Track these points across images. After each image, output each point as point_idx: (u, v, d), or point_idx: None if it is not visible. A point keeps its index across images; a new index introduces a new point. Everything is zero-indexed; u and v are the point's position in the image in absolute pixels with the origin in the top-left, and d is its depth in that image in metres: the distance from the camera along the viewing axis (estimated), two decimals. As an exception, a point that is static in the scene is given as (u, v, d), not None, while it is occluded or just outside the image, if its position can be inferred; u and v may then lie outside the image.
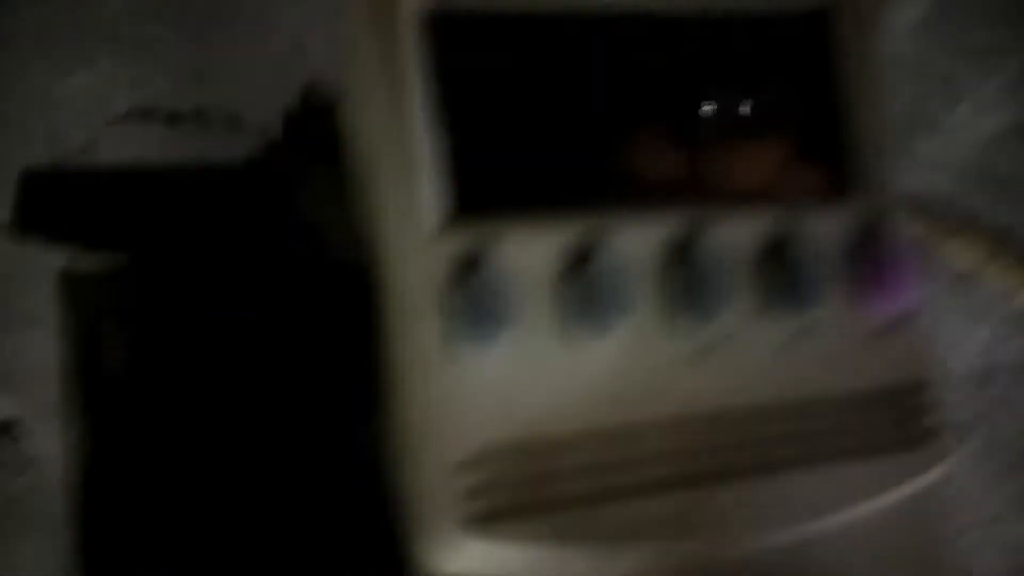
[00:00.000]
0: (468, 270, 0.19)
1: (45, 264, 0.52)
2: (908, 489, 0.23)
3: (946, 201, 0.33)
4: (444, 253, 0.19)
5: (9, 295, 0.50)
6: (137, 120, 0.55)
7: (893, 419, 0.23)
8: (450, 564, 0.19)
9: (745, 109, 0.23)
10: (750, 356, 0.22)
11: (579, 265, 0.20)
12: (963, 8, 0.68)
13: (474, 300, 0.19)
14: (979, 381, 0.59)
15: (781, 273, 0.22)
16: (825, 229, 0.23)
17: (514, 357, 0.20)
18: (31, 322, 0.50)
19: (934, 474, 0.23)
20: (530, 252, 0.20)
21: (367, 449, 0.22)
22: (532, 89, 0.22)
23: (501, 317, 0.19)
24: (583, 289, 0.20)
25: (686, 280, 0.21)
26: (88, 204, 0.31)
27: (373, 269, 0.23)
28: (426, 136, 0.20)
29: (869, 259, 0.23)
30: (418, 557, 0.20)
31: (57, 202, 0.31)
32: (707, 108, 0.23)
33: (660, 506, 0.21)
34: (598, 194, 0.22)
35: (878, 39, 0.25)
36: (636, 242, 0.21)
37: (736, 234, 0.22)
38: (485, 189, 0.20)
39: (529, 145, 0.22)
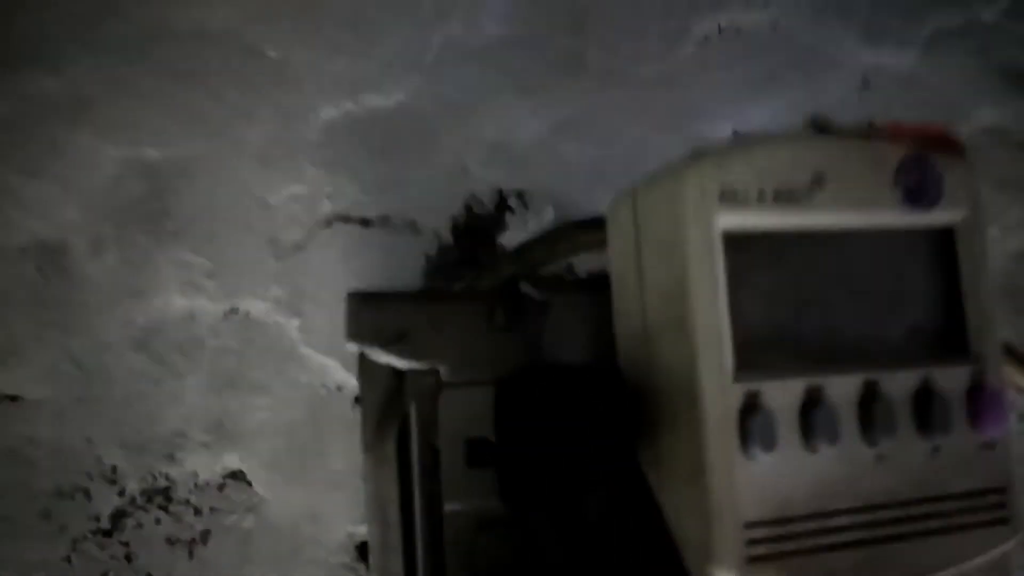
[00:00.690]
0: (751, 405, 0.32)
1: (267, 344, 0.64)
2: (991, 555, 0.36)
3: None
4: (738, 393, 0.32)
5: (240, 367, 0.62)
6: (338, 224, 0.67)
7: (990, 506, 0.36)
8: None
9: (904, 293, 0.36)
10: (905, 463, 0.35)
11: (811, 404, 0.33)
12: (990, 143, 0.83)
13: (760, 425, 0.32)
14: None
15: (927, 410, 0.35)
16: (954, 379, 0.36)
17: (777, 461, 0.32)
18: (258, 390, 0.62)
19: (1007, 547, 0.36)
20: (783, 395, 0.33)
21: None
22: (775, 284, 0.35)
23: (773, 437, 0.32)
24: (816, 421, 0.33)
25: (874, 415, 0.34)
26: (401, 321, 0.44)
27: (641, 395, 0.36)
28: (726, 314, 0.33)
29: (979, 400, 0.36)
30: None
31: (379, 318, 0.44)
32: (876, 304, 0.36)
33: (855, 557, 0.33)
34: (818, 355, 0.34)
35: (985, 247, 0.38)
36: (842, 387, 0.34)
37: (901, 382, 0.35)
38: (755, 351, 0.33)
39: (776, 321, 0.35)
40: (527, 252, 0.54)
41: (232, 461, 0.60)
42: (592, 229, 0.46)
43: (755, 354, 0.33)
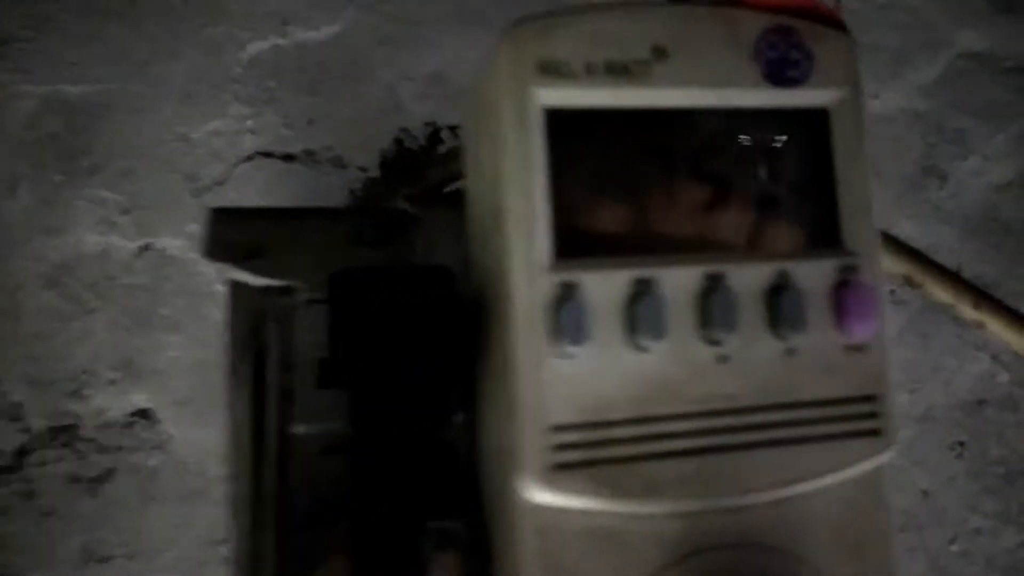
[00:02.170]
0: (566, 296, 0.29)
1: (182, 281, 0.62)
2: (858, 470, 0.32)
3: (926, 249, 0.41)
4: (551, 284, 0.29)
5: (153, 305, 0.61)
6: (259, 159, 0.65)
7: (857, 416, 0.32)
8: (542, 496, 0.29)
9: (765, 187, 0.32)
10: (753, 365, 0.31)
11: (638, 296, 0.30)
12: (975, 69, 0.77)
13: (570, 317, 0.29)
14: (970, 409, 0.67)
15: (779, 306, 0.31)
16: (816, 274, 0.32)
17: (592, 358, 0.29)
18: (170, 327, 0.61)
19: (879, 461, 0.32)
20: (605, 286, 0.30)
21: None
22: (610, 167, 0.31)
23: (585, 330, 0.29)
24: (640, 314, 0.29)
25: (712, 309, 0.30)
26: (258, 237, 0.42)
27: (482, 295, 0.33)
28: (544, 199, 0.29)
29: (845, 298, 0.32)
30: (516, 492, 0.29)
31: (236, 234, 0.41)
32: (735, 187, 0.32)
33: (683, 467, 0.30)
34: (653, 245, 0.31)
35: (863, 133, 0.34)
36: (678, 281, 0.30)
37: (750, 276, 0.31)
38: (577, 239, 0.30)
39: (607, 207, 0.31)
40: (424, 173, 0.51)
41: (140, 399, 0.59)
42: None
43: (580, 244, 0.30)
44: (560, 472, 0.28)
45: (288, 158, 0.65)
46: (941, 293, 0.41)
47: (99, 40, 0.65)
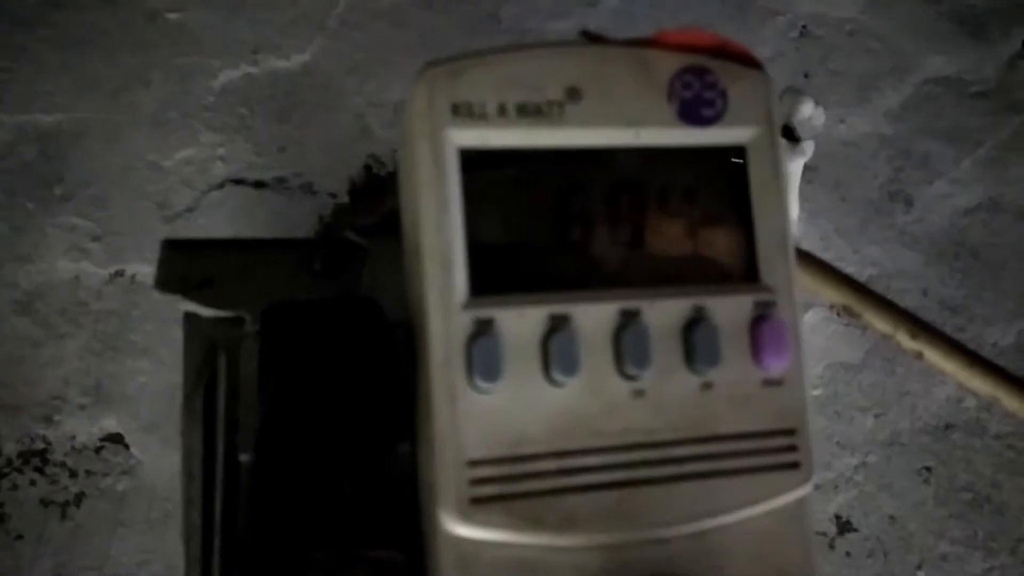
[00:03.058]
0: (481, 332, 0.30)
1: (152, 306, 0.63)
2: (778, 503, 0.32)
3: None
4: (467, 320, 0.30)
5: (122, 330, 0.62)
6: (230, 186, 0.66)
7: (775, 449, 0.33)
8: (460, 529, 0.29)
9: (683, 215, 0.33)
10: (670, 399, 0.31)
11: (552, 332, 0.30)
12: (942, 94, 0.77)
13: (484, 353, 0.29)
14: (937, 434, 0.67)
15: (694, 341, 0.32)
16: (732, 309, 0.32)
17: (509, 393, 0.30)
18: (139, 353, 0.62)
19: (798, 494, 0.32)
20: (520, 322, 0.30)
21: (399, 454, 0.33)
22: (528, 205, 0.32)
23: (500, 366, 0.30)
24: (554, 349, 0.30)
25: (626, 344, 0.31)
26: (209, 268, 0.42)
27: (410, 327, 0.34)
28: (460, 237, 0.30)
29: (761, 332, 0.32)
30: (438, 524, 0.30)
31: (187, 265, 0.42)
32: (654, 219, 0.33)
33: (601, 500, 0.30)
34: (569, 281, 0.32)
35: (780, 169, 0.34)
36: (593, 317, 0.31)
37: (665, 311, 0.32)
38: (494, 276, 0.30)
39: (525, 244, 0.32)
40: (385, 200, 0.52)
41: (110, 424, 0.59)
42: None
43: (497, 281, 0.31)
44: (478, 506, 0.29)
45: (259, 185, 0.67)
46: (879, 323, 0.42)
47: (72, 70, 0.67)
